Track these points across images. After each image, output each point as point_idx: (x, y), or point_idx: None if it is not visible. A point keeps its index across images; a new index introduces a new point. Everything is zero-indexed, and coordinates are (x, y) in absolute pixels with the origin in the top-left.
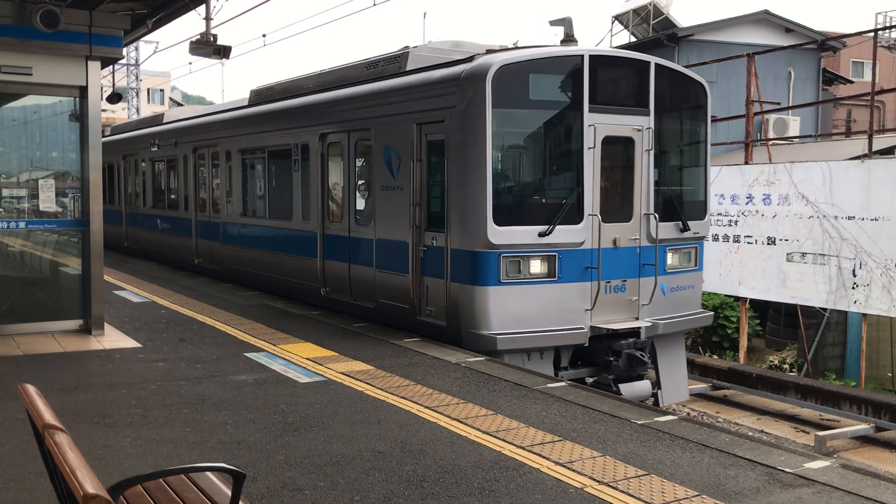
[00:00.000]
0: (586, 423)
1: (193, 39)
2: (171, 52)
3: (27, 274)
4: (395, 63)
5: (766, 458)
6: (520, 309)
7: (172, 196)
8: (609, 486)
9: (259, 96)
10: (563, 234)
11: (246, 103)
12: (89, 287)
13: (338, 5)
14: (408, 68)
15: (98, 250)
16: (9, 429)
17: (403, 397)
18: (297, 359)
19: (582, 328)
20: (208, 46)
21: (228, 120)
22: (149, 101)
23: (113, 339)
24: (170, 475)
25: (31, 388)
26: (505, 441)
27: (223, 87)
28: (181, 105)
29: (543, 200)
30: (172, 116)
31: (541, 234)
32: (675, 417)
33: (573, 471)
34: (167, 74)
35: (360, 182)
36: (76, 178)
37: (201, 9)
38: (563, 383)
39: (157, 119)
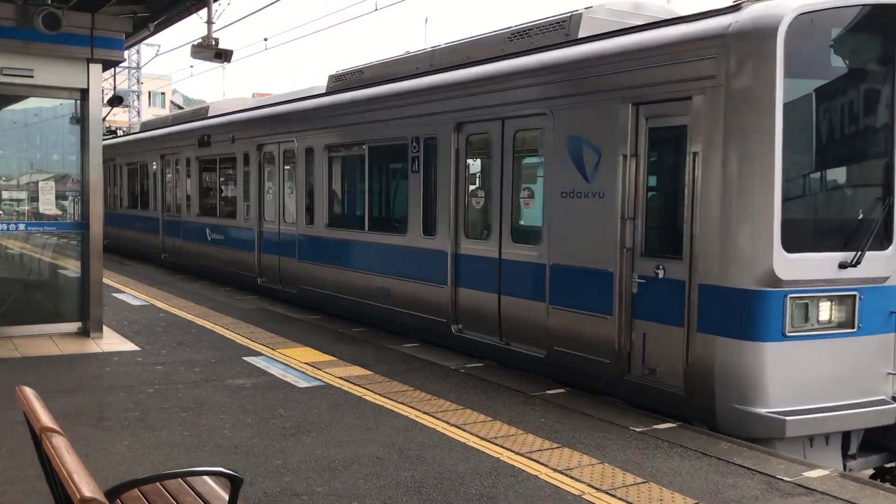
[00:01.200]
0: (585, 430)
1: (195, 43)
2: (173, 56)
3: (26, 276)
4: (558, 30)
5: (765, 467)
6: (808, 375)
7: (229, 201)
8: (608, 493)
9: (342, 82)
10: (868, 265)
11: (323, 91)
12: (88, 290)
13: (340, 10)
14: (580, 35)
15: (97, 253)
16: (6, 431)
17: (402, 403)
18: (296, 363)
19: (887, 401)
20: (210, 50)
21: (308, 110)
22: (150, 104)
23: (111, 342)
24: (167, 479)
25: (28, 391)
26: (503, 447)
27: (224, 91)
28: (182, 108)
29: (843, 215)
30: (220, 109)
31: (842, 266)
32: (675, 425)
33: (572, 478)
34: (168, 77)
35: (522, 185)
36: (76, 181)
37: (203, 12)
38: (560, 390)
39: (200, 112)
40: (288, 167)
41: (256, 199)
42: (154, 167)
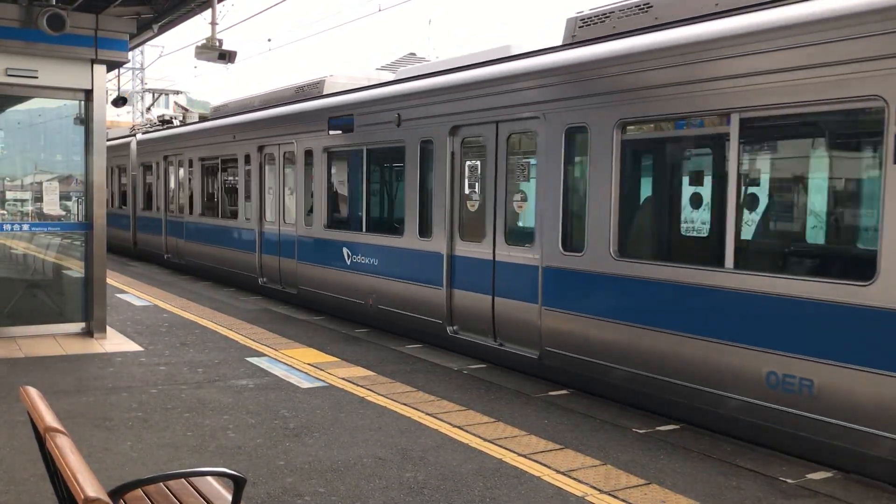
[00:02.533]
0: (588, 431)
1: (199, 44)
2: (177, 56)
3: (30, 276)
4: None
5: (768, 469)
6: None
7: (392, 209)
8: (610, 494)
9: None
10: None
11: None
12: (92, 290)
13: (343, 11)
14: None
15: (101, 253)
16: (10, 431)
17: (405, 403)
18: (299, 364)
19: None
20: (213, 51)
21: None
22: (153, 105)
23: (115, 342)
24: (170, 479)
25: (32, 391)
26: (506, 449)
27: (228, 92)
28: (187, 110)
29: None
30: (339, 86)
31: None
32: (678, 427)
33: (574, 479)
34: (171, 79)
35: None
36: (80, 181)
37: (207, 14)
38: (564, 391)
39: (309, 90)
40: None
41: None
42: (251, 162)
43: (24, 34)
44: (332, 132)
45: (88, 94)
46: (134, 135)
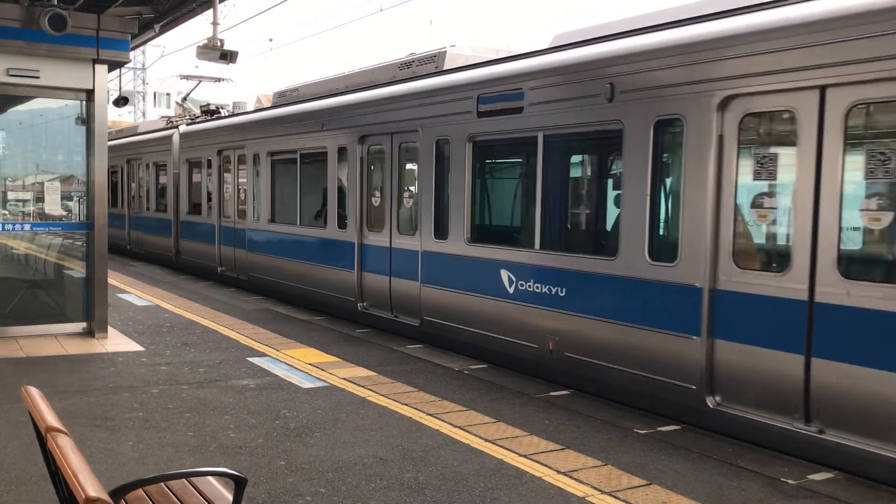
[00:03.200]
0: (589, 432)
1: (200, 44)
2: (178, 56)
3: (31, 276)
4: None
5: (769, 470)
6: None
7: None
8: (611, 495)
9: None
10: None
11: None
12: (93, 290)
13: (344, 11)
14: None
15: (102, 253)
16: (11, 431)
17: (406, 404)
18: (300, 364)
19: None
20: (215, 51)
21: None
22: (155, 104)
23: (116, 342)
24: (171, 479)
25: (33, 391)
26: (507, 449)
27: (231, 93)
28: (189, 109)
29: None
30: (477, 56)
31: None
32: (679, 427)
33: (576, 480)
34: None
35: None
36: (81, 182)
37: (208, 14)
38: (565, 391)
39: (420, 66)
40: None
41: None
42: (348, 157)
43: (25, 34)
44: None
45: (90, 95)
46: (176, 126)
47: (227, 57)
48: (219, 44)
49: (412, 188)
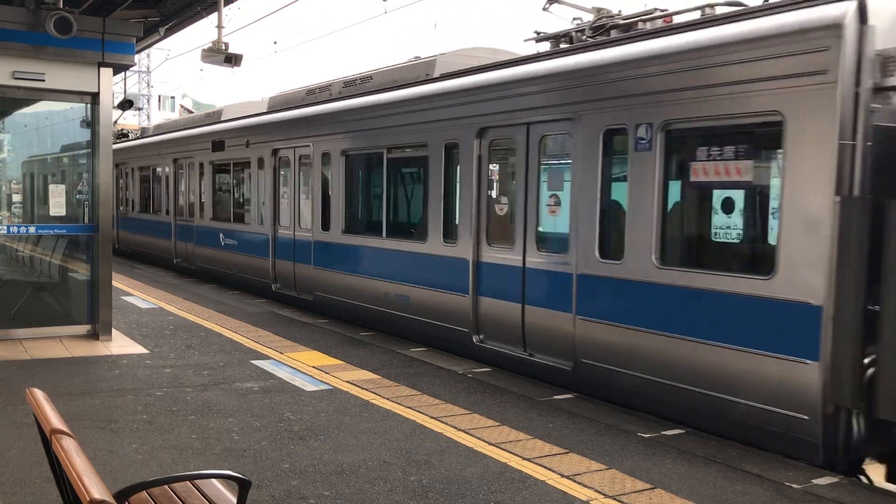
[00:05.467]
0: (592, 436)
1: (205, 47)
2: (183, 60)
3: (36, 278)
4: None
5: (774, 474)
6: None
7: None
8: (615, 499)
9: None
10: None
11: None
12: (97, 292)
13: (349, 13)
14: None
15: (107, 255)
16: (16, 433)
17: (409, 407)
18: (304, 367)
19: None
20: (220, 54)
21: None
22: (160, 107)
23: (120, 344)
24: (175, 482)
25: (38, 393)
26: (511, 452)
27: (234, 95)
28: (191, 112)
29: None
30: None
31: None
32: (682, 431)
33: (579, 483)
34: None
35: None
36: (86, 184)
37: (213, 17)
38: (569, 395)
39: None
40: None
41: None
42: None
43: (31, 37)
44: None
45: (95, 97)
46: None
47: (232, 60)
48: (224, 47)
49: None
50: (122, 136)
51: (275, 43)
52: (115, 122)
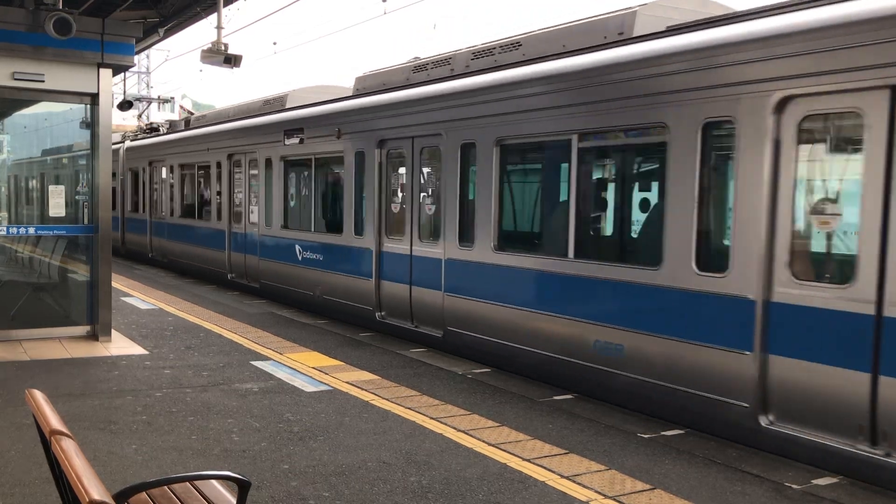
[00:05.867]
0: (592, 436)
1: (205, 48)
2: (182, 60)
3: (35, 279)
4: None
5: (774, 474)
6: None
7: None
8: (615, 500)
9: None
10: None
11: None
12: (97, 293)
13: (348, 14)
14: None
15: (106, 256)
16: (15, 434)
17: (409, 407)
18: (303, 367)
19: None
20: (219, 55)
21: None
22: (159, 108)
23: (120, 345)
24: (175, 482)
25: (38, 394)
26: (511, 453)
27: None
28: (191, 113)
29: None
30: None
31: None
32: (682, 431)
33: (579, 484)
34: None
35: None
36: (85, 185)
37: (213, 18)
38: (568, 395)
39: None
40: None
41: None
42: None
43: (31, 38)
44: None
45: (94, 98)
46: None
47: (232, 61)
48: (223, 48)
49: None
50: (151, 129)
51: (274, 44)
52: (141, 115)
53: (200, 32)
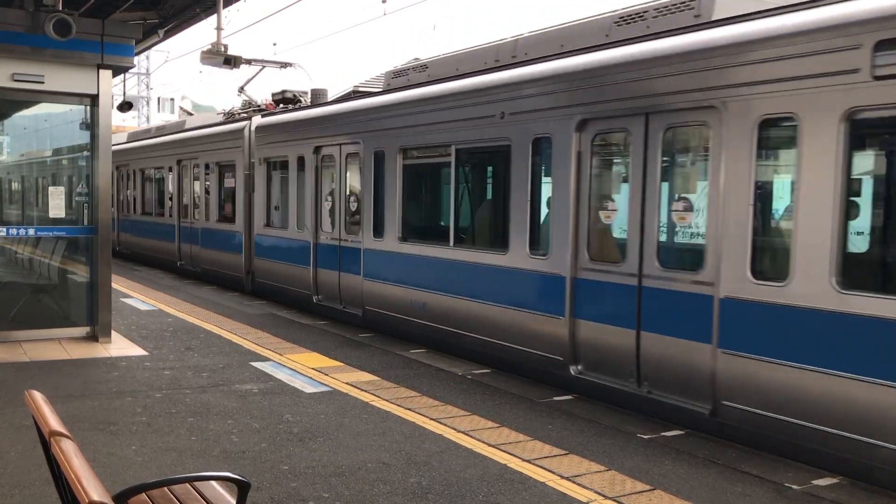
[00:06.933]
0: (592, 437)
1: (205, 49)
2: (182, 61)
3: (35, 280)
4: None
5: (774, 475)
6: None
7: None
8: (615, 500)
9: None
10: None
11: None
12: (97, 294)
13: (348, 15)
14: None
15: (106, 257)
16: (14, 435)
17: (409, 408)
18: (303, 368)
19: None
20: (219, 56)
21: None
22: (159, 109)
23: (120, 346)
24: (174, 483)
25: (37, 395)
26: (511, 454)
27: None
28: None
29: None
30: None
31: None
32: (682, 432)
33: (579, 485)
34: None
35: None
36: (85, 186)
37: (212, 19)
38: (568, 396)
39: None
40: None
41: None
42: None
43: (30, 39)
44: None
45: (94, 99)
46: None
47: (231, 62)
48: (223, 49)
49: None
50: (287, 101)
51: (274, 45)
52: (242, 88)
53: (200, 33)
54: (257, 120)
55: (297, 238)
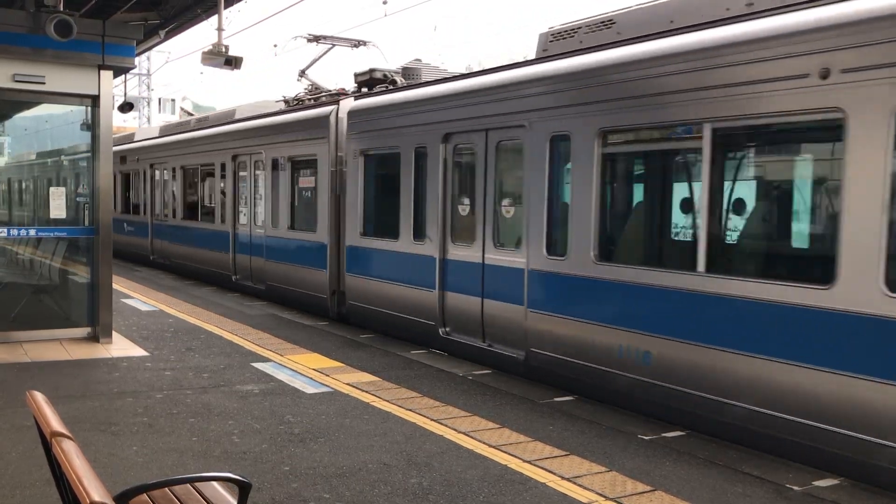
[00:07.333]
0: (593, 438)
1: (205, 50)
2: (183, 62)
3: (36, 281)
4: None
5: (774, 476)
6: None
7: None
8: (616, 501)
9: None
10: None
11: None
12: (98, 295)
13: (348, 16)
14: None
15: (107, 258)
16: (15, 435)
17: (410, 409)
18: (304, 369)
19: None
20: (220, 57)
21: None
22: (160, 110)
23: (121, 347)
24: (175, 484)
25: (38, 395)
26: (512, 455)
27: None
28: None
29: None
30: None
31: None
32: (683, 433)
33: (580, 486)
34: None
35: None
36: (86, 187)
37: (213, 19)
38: (569, 397)
39: None
40: None
41: None
42: None
43: (31, 40)
44: None
45: (95, 100)
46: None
47: (232, 62)
48: (224, 49)
49: None
50: (375, 82)
51: (275, 46)
52: (303, 71)
53: (201, 34)
54: (349, 104)
55: (413, 252)
